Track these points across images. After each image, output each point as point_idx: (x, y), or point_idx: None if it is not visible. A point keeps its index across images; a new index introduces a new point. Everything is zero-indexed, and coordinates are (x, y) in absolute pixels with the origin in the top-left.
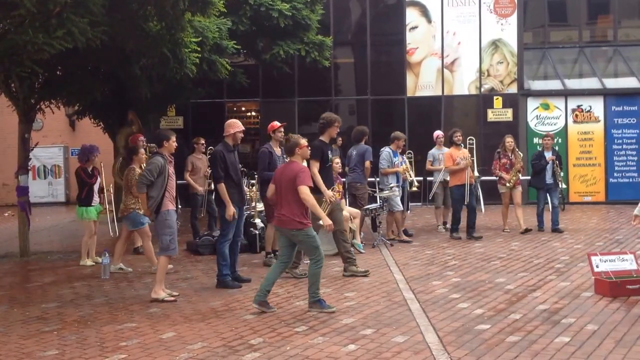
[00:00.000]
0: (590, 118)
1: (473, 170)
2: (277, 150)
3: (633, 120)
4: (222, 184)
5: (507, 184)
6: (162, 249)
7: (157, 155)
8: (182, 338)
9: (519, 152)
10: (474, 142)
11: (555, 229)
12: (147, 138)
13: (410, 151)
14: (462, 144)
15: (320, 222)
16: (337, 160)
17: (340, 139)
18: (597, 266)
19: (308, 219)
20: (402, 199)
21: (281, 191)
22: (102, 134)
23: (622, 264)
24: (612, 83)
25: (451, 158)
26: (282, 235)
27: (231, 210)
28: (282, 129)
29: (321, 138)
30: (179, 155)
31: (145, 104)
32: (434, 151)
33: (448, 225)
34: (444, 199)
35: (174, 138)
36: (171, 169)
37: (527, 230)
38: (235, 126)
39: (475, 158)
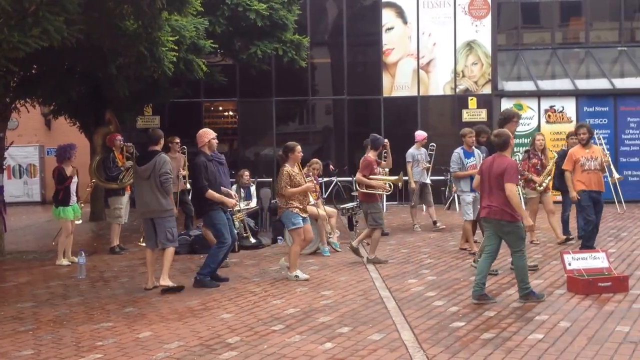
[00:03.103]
0: (562, 119)
1: (610, 171)
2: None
3: (604, 121)
4: (210, 191)
5: (538, 188)
6: (170, 240)
7: (161, 153)
8: (159, 337)
9: (553, 152)
10: (435, 148)
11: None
12: (124, 137)
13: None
14: (595, 141)
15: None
16: (318, 165)
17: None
18: (569, 264)
19: (515, 211)
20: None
21: (490, 183)
22: (79, 133)
23: (594, 262)
24: (584, 84)
25: (571, 159)
26: (489, 225)
27: (230, 201)
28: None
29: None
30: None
31: (122, 103)
32: (413, 151)
33: (439, 224)
34: (425, 198)
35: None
36: None
37: (568, 240)
38: (207, 135)
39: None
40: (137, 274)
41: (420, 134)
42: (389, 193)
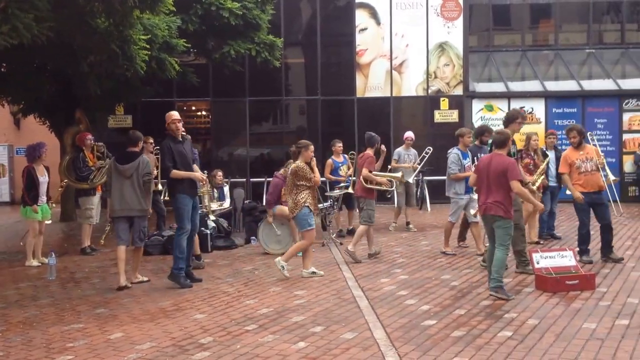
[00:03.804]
0: (532, 119)
1: (607, 173)
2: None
3: (572, 122)
4: (174, 170)
5: (531, 187)
6: (143, 239)
7: (143, 154)
8: (131, 338)
9: (546, 152)
10: (430, 151)
11: (552, 235)
12: (94, 137)
13: (353, 152)
14: (588, 141)
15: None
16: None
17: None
18: (538, 262)
19: (511, 209)
20: (349, 199)
21: (489, 181)
22: (48, 133)
23: (561, 260)
24: (552, 86)
25: (566, 162)
26: (485, 222)
27: (197, 175)
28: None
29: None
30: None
31: (93, 102)
32: (400, 150)
33: (411, 226)
34: (407, 199)
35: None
36: None
37: (538, 243)
38: (167, 118)
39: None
40: (108, 274)
41: (406, 135)
42: (391, 189)
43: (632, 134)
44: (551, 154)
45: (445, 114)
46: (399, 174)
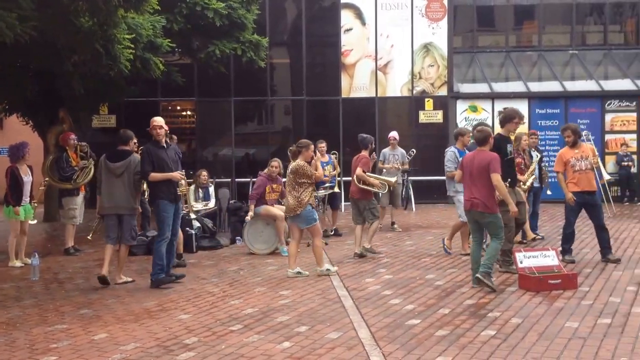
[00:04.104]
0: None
1: (600, 173)
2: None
3: (555, 123)
4: (152, 174)
5: (523, 186)
6: (133, 238)
7: (134, 153)
8: (115, 339)
9: (536, 153)
10: (414, 153)
11: (536, 234)
12: (78, 137)
13: (335, 152)
14: (584, 139)
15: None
16: (277, 163)
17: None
18: (521, 262)
19: (495, 203)
20: (333, 199)
21: (472, 177)
22: (32, 132)
23: (544, 260)
24: (536, 87)
25: (561, 160)
26: (470, 216)
27: (175, 174)
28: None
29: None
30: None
31: (77, 102)
32: (386, 151)
33: (396, 226)
34: (391, 199)
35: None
36: None
37: (534, 240)
38: (150, 124)
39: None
40: (92, 275)
41: (389, 135)
42: (384, 192)
43: (614, 134)
44: (533, 155)
45: (429, 115)
46: (393, 179)
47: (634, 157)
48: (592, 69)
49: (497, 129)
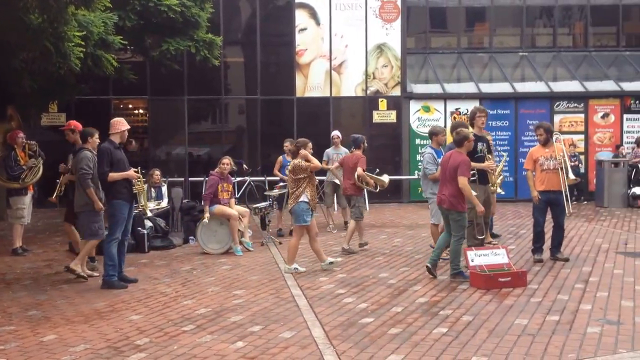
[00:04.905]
0: (467, 121)
1: (567, 173)
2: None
3: (506, 123)
4: (110, 174)
5: (491, 187)
6: (92, 234)
7: (84, 149)
8: (64, 340)
9: (502, 152)
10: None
11: (491, 234)
12: (26, 135)
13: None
14: (555, 139)
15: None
16: (228, 160)
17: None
18: (472, 260)
19: (464, 204)
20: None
21: (446, 175)
22: None
23: (495, 258)
24: (487, 88)
25: (531, 158)
26: (442, 211)
27: (131, 173)
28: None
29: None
30: (61, 153)
31: (26, 100)
32: (329, 151)
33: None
34: (338, 200)
35: (97, 135)
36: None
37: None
38: (122, 124)
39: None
40: (41, 276)
41: (332, 134)
42: (376, 191)
43: (563, 135)
44: (499, 156)
45: (383, 115)
46: (386, 180)
47: (582, 157)
48: (542, 70)
49: (449, 130)
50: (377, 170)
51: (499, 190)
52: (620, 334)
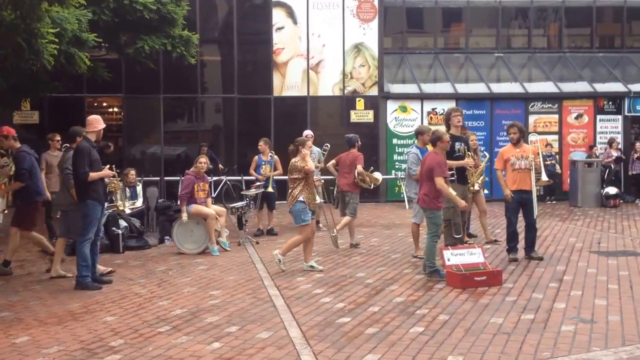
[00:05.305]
0: (443, 121)
1: (540, 173)
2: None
3: (481, 123)
4: (90, 174)
5: (471, 188)
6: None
7: (71, 149)
8: (37, 342)
9: (485, 152)
10: (328, 148)
11: (469, 233)
12: None
13: (272, 152)
14: (531, 140)
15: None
16: (205, 159)
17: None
18: (448, 260)
19: (437, 202)
20: (269, 199)
21: (423, 175)
22: None
23: (471, 257)
24: (463, 88)
25: (502, 158)
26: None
27: (107, 172)
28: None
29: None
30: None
31: None
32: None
33: (321, 225)
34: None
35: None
36: None
37: (495, 242)
38: (99, 122)
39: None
40: (12, 277)
41: (304, 133)
42: (370, 189)
43: (538, 135)
44: (482, 155)
45: (361, 114)
46: (379, 178)
47: (557, 157)
48: (517, 71)
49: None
50: (372, 168)
51: (484, 190)
52: (593, 332)
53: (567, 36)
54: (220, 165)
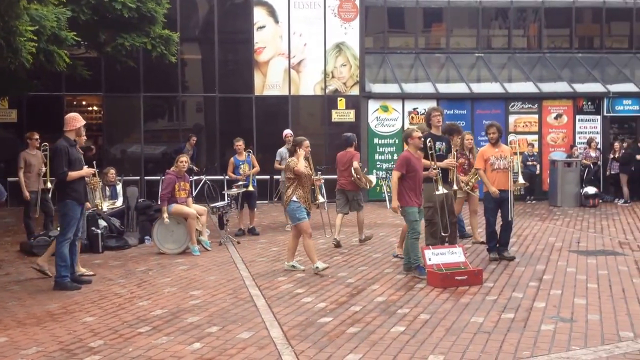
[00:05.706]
0: (424, 120)
1: (517, 175)
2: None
3: (462, 123)
4: (69, 173)
5: (465, 187)
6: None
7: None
8: (15, 343)
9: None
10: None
11: (463, 235)
12: None
13: (249, 150)
14: (510, 140)
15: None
16: (186, 158)
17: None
18: (429, 259)
19: (412, 200)
20: (250, 198)
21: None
22: None
23: (451, 256)
24: (444, 88)
25: (482, 158)
26: None
27: (88, 170)
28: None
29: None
30: (11, 151)
31: None
32: (282, 150)
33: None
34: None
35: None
36: None
37: (483, 243)
38: (77, 120)
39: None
40: None
41: (284, 133)
42: (367, 189)
43: (517, 135)
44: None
45: (342, 114)
46: (373, 180)
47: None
48: (497, 71)
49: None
50: (365, 169)
51: (475, 192)
52: (573, 331)
53: (547, 37)
54: (194, 168)
